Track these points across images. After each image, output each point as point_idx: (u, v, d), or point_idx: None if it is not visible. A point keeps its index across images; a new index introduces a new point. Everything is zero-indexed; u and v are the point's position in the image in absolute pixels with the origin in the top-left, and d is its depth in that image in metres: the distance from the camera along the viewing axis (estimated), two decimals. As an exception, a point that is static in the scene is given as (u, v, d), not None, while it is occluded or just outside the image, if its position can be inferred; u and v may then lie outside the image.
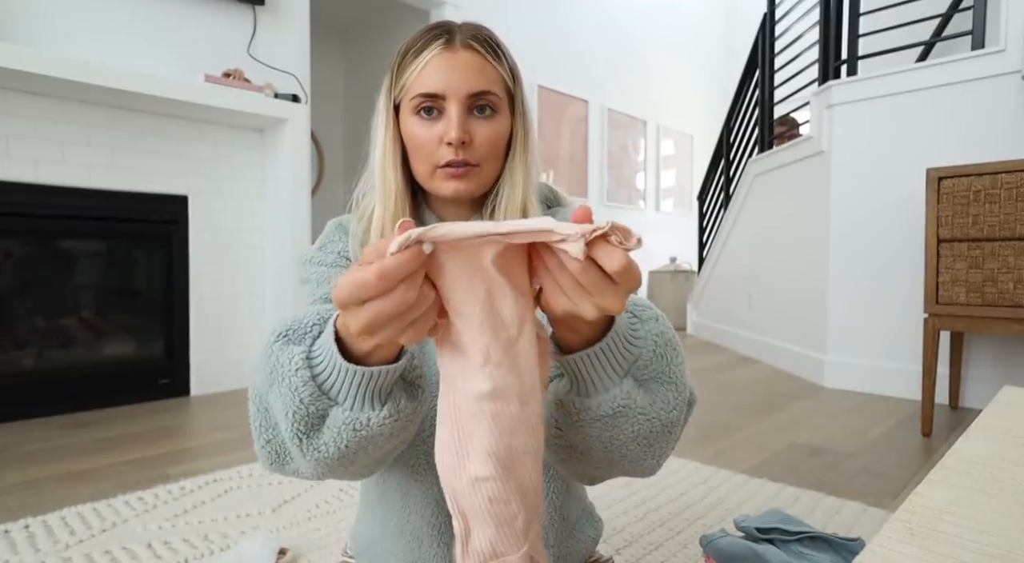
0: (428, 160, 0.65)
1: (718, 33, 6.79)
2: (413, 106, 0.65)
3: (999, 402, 0.75)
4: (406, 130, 0.66)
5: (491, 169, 0.67)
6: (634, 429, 0.51)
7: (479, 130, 0.65)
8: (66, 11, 2.16)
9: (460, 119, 0.63)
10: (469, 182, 0.65)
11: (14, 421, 2.08)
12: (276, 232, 2.70)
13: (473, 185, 0.66)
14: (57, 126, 2.18)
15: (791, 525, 1.01)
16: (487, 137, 0.65)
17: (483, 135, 0.65)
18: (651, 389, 0.52)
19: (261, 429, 0.52)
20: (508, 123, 0.68)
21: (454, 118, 0.63)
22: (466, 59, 0.64)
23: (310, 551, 1.15)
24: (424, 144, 0.65)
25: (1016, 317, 1.79)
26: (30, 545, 1.15)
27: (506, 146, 0.69)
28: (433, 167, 0.65)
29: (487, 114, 0.65)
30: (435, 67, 0.63)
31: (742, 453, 1.75)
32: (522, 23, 4.32)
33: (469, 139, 0.64)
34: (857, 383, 2.58)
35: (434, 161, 0.65)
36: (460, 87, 0.63)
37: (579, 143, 4.93)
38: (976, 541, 0.38)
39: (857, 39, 2.64)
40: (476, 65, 0.64)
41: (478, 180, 0.66)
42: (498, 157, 0.68)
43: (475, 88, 0.64)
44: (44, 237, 2.22)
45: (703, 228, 5.07)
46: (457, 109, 0.63)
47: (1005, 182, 1.81)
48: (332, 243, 0.71)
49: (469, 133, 0.64)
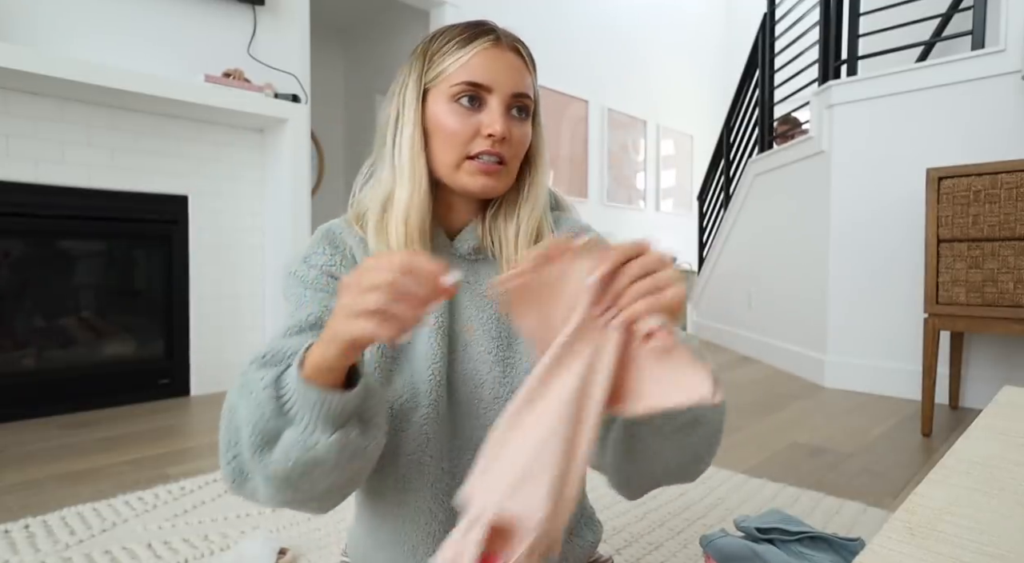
0: (457, 150, 0.64)
1: (718, 33, 6.79)
2: (453, 93, 0.64)
3: (999, 402, 0.75)
4: (436, 117, 0.65)
5: (515, 170, 0.68)
6: (707, 431, 0.59)
7: (515, 130, 0.65)
8: (66, 11, 2.16)
9: (504, 118, 0.64)
10: (498, 179, 0.65)
11: (14, 421, 2.08)
12: (276, 232, 2.70)
13: (500, 182, 0.66)
14: (57, 126, 2.18)
15: (791, 525, 1.01)
16: (521, 138, 0.66)
17: (518, 136, 0.66)
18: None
19: (229, 444, 0.54)
20: (530, 132, 0.69)
21: (497, 112, 0.63)
22: (512, 60, 0.65)
23: (310, 551, 1.15)
24: (459, 132, 0.63)
25: (1016, 317, 1.79)
26: (30, 545, 1.15)
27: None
28: (461, 158, 0.64)
29: (523, 117, 0.66)
30: (485, 59, 0.64)
31: (742, 453, 1.75)
32: (522, 23, 4.32)
33: (509, 136, 0.64)
34: (857, 383, 2.58)
35: (465, 152, 0.64)
36: (507, 84, 0.64)
37: (579, 143, 4.93)
38: (976, 541, 0.38)
39: (857, 39, 2.64)
40: (519, 68, 0.66)
41: (506, 179, 0.66)
42: (521, 160, 0.68)
43: (519, 89, 0.65)
44: (44, 237, 2.22)
45: (703, 228, 5.07)
46: (500, 104, 0.64)
47: (1005, 182, 1.81)
48: (316, 256, 0.67)
49: (508, 130, 0.64)
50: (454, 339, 0.67)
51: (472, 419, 0.67)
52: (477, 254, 0.70)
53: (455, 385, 0.67)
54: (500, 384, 0.66)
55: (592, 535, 0.79)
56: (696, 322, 4.70)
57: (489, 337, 0.67)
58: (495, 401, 0.66)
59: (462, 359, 0.67)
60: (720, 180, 4.65)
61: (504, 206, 0.70)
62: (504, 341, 0.67)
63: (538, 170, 0.70)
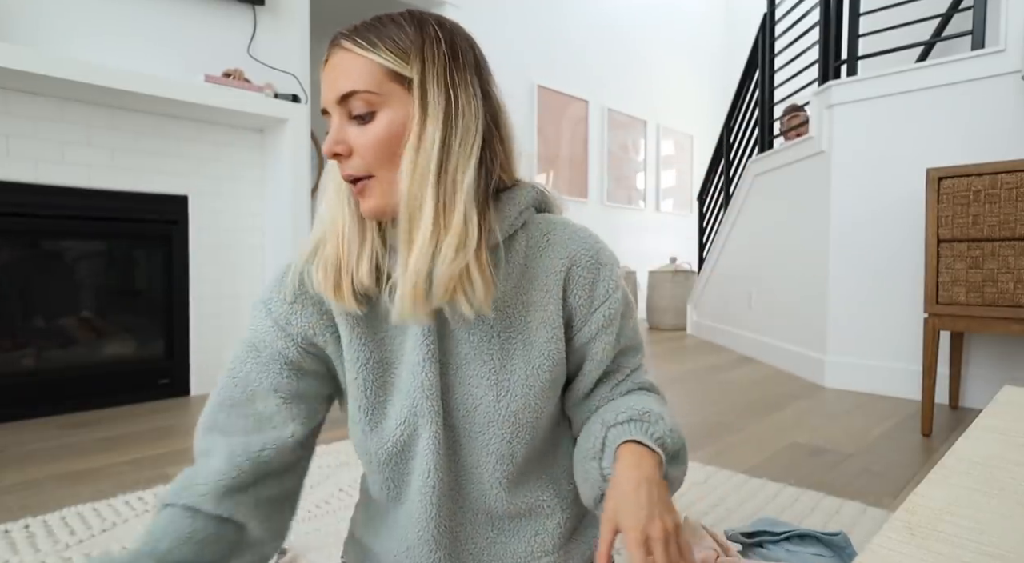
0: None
1: (718, 33, 6.79)
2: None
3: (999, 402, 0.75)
4: None
5: (388, 179, 0.58)
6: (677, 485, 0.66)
7: (355, 137, 0.58)
8: (66, 11, 2.16)
9: (336, 130, 0.58)
10: (369, 197, 0.59)
11: (14, 421, 2.08)
12: (276, 232, 2.70)
13: (377, 200, 0.58)
14: (57, 126, 2.18)
15: (777, 527, 1.03)
16: (364, 143, 0.57)
17: (360, 142, 0.57)
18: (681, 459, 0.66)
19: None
20: (399, 118, 0.57)
21: (334, 129, 0.58)
22: (335, 62, 0.58)
23: (310, 551, 1.14)
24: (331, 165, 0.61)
25: (1016, 317, 1.79)
26: (30, 545, 1.15)
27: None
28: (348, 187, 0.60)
29: (363, 117, 0.57)
30: (323, 78, 0.59)
31: (742, 453, 1.75)
32: (522, 23, 4.32)
33: (346, 150, 0.58)
34: (857, 383, 2.58)
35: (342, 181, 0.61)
36: (330, 93, 0.58)
37: (579, 143, 4.93)
38: (976, 541, 0.38)
39: (857, 39, 2.64)
40: (344, 66, 0.57)
41: (379, 192, 0.58)
42: (393, 161, 0.58)
43: (339, 91, 0.57)
44: (44, 237, 2.22)
45: (703, 228, 5.07)
46: (337, 120, 0.58)
47: (1005, 182, 1.81)
48: (275, 302, 0.64)
49: (344, 143, 0.58)
50: (446, 365, 0.65)
51: (468, 442, 0.66)
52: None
53: (449, 410, 0.65)
54: (494, 408, 0.64)
55: (597, 534, 0.79)
56: (696, 322, 4.70)
57: (481, 360, 0.64)
58: (490, 424, 0.65)
59: (455, 384, 0.65)
60: (720, 180, 4.65)
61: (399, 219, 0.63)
62: (497, 363, 0.64)
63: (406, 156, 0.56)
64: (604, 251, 0.69)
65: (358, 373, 0.64)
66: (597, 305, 0.67)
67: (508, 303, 0.65)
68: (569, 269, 0.66)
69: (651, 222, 5.82)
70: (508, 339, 0.65)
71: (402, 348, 0.64)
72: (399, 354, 0.65)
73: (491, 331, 0.64)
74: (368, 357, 0.64)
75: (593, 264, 0.67)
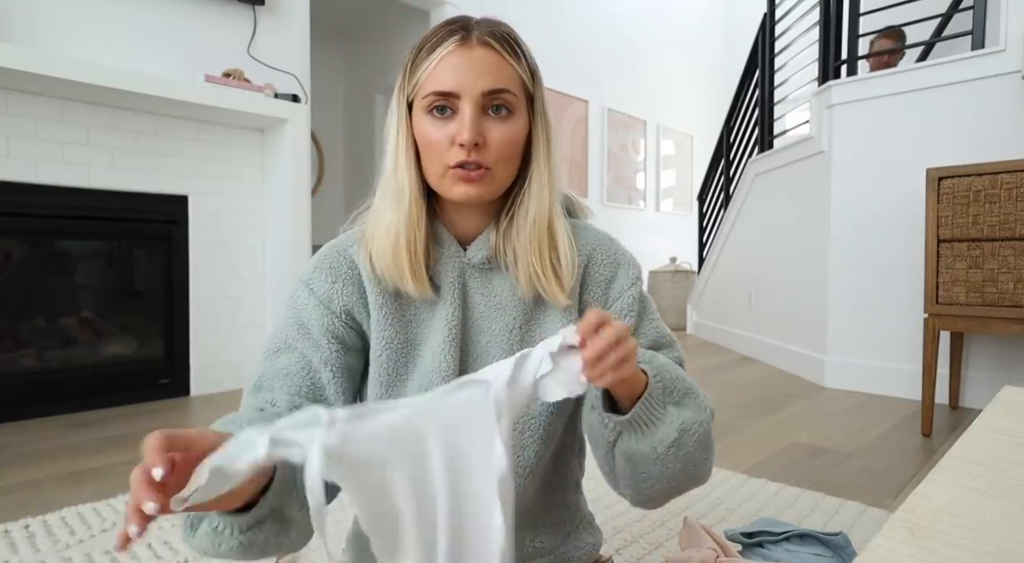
0: (439, 161, 0.62)
1: (718, 33, 6.79)
2: (426, 105, 0.62)
3: (999, 402, 0.75)
4: (419, 129, 0.63)
5: (505, 173, 0.64)
6: (695, 439, 0.60)
7: (493, 131, 0.62)
8: (66, 11, 2.16)
9: (473, 119, 0.60)
10: (481, 186, 0.62)
11: (15, 421, 2.08)
12: (276, 232, 2.70)
13: (484, 189, 0.63)
14: (57, 126, 2.18)
15: (777, 527, 1.03)
16: (501, 138, 0.62)
17: (497, 136, 0.62)
18: (687, 404, 0.61)
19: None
20: (525, 125, 0.65)
21: (467, 118, 0.60)
22: (481, 56, 0.61)
23: (310, 551, 1.15)
24: (435, 144, 0.62)
25: (1016, 317, 1.79)
26: (30, 545, 1.15)
27: (523, 150, 0.66)
28: (445, 168, 0.62)
29: (503, 114, 0.62)
30: (449, 64, 0.61)
31: (742, 453, 1.75)
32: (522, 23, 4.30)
33: (483, 140, 0.61)
34: (857, 383, 2.58)
35: (445, 162, 0.62)
36: (474, 85, 0.60)
37: (579, 143, 4.93)
38: (976, 541, 0.38)
39: (857, 39, 2.64)
40: (492, 63, 0.61)
41: (491, 184, 0.63)
42: (513, 160, 0.64)
43: (490, 86, 0.61)
44: (44, 237, 2.22)
45: (703, 228, 5.07)
46: (471, 109, 0.60)
47: (1005, 182, 1.81)
48: (317, 282, 0.67)
49: (483, 134, 0.61)
50: (466, 351, 0.67)
51: None
52: (490, 263, 0.68)
53: None
54: None
55: (591, 537, 0.79)
56: (696, 322, 4.70)
57: (500, 349, 0.66)
58: None
59: (472, 370, 0.65)
60: (720, 180, 4.65)
61: (514, 212, 0.67)
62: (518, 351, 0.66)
63: (539, 162, 0.66)
64: (623, 253, 0.73)
65: (383, 351, 0.66)
66: (611, 302, 0.70)
67: (529, 297, 0.68)
68: (587, 266, 0.70)
69: (651, 222, 5.81)
70: (528, 331, 0.68)
71: (428, 331, 0.67)
72: (424, 336, 0.67)
73: (512, 322, 0.67)
74: (393, 337, 0.67)
75: (611, 263, 0.71)
